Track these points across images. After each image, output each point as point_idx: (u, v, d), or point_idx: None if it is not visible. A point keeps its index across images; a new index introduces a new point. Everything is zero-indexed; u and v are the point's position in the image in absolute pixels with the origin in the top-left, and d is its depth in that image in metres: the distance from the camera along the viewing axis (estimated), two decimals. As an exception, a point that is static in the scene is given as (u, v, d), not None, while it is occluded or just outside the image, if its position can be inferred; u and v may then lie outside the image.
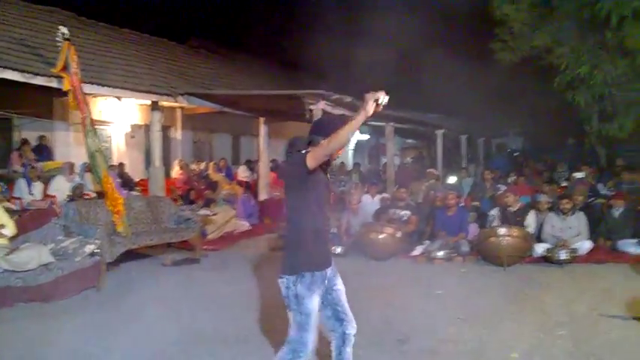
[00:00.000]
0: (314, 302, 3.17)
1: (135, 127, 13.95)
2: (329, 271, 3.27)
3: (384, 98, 2.75)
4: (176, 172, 13.74)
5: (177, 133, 15.32)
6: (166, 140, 14.31)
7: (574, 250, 7.62)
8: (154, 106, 10.76)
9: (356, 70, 19.36)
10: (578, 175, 11.72)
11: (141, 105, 12.87)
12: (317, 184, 3.16)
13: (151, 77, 11.29)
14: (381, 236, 8.12)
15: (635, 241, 8.12)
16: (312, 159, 2.96)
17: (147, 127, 12.68)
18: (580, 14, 11.98)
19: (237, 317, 5.34)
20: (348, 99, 10.64)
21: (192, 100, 11.36)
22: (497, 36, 13.31)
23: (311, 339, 3.16)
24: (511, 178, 12.66)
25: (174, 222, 8.43)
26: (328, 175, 3.34)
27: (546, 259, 7.63)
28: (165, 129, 13.12)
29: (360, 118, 2.77)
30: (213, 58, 17.20)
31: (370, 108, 2.75)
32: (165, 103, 11.09)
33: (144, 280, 6.99)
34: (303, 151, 3.09)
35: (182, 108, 13.67)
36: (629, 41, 10.33)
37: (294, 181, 3.17)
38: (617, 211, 8.55)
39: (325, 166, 3.23)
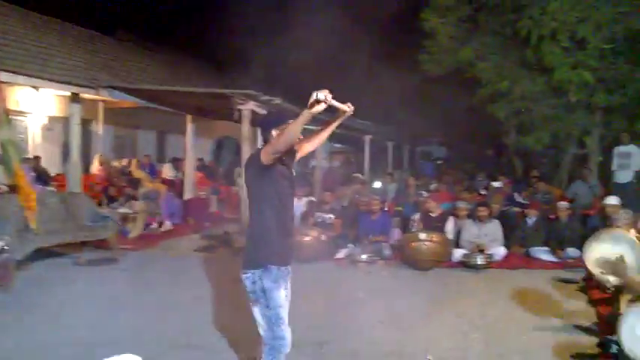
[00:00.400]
0: (282, 295, 3.17)
1: (53, 120, 13.26)
2: (290, 267, 3.26)
3: (323, 95, 2.85)
4: (95, 167, 13.18)
5: (98, 128, 14.71)
6: (86, 134, 13.70)
7: (490, 256, 7.93)
8: (74, 98, 10.27)
9: (287, 74, 19.39)
10: (496, 184, 12.25)
11: (60, 96, 12.24)
12: (278, 179, 3.16)
13: (72, 68, 10.80)
14: (305, 239, 8.12)
15: (546, 249, 8.56)
16: (265, 154, 3.01)
17: (66, 120, 12.09)
18: (503, 32, 12.55)
19: (153, 320, 5.18)
20: (278, 100, 10.60)
21: (116, 93, 10.92)
22: (425, 48, 13.67)
23: (286, 331, 3.16)
24: (433, 185, 13.05)
25: (90, 220, 8.08)
26: (293, 170, 3.35)
27: (464, 264, 7.90)
28: (85, 122, 12.57)
29: (304, 115, 2.88)
30: (141, 51, 16.69)
31: (312, 105, 2.85)
32: (87, 95, 10.62)
33: (56, 279, 6.67)
34: (260, 148, 3.17)
35: (104, 101, 13.15)
36: (546, 59, 10.90)
37: (254, 175, 3.17)
38: (530, 220, 8.98)
39: (289, 160, 3.27)
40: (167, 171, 14.78)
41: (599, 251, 4.51)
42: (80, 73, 10.72)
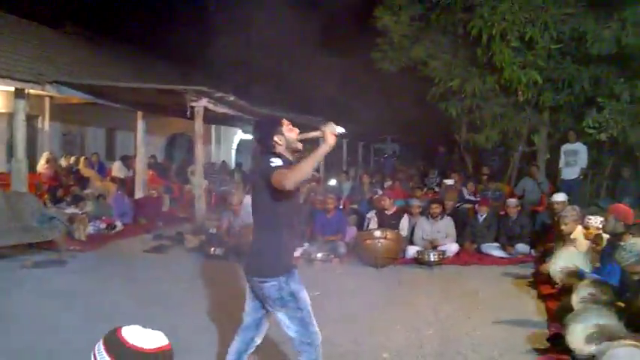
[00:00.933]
0: (306, 294, 3.22)
1: (-5, 116, 12.71)
2: None
3: (339, 129, 3.00)
4: (42, 166, 12.70)
5: (44, 124, 14.17)
6: (32, 131, 13.19)
7: (442, 253, 8.06)
8: (18, 93, 9.84)
9: (240, 71, 19.20)
10: (449, 181, 12.47)
11: (3, 92, 11.72)
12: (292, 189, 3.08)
13: (16, 62, 10.35)
14: (260, 238, 8.03)
15: (497, 245, 8.76)
16: (281, 182, 2.90)
17: (10, 116, 11.58)
18: (454, 30, 12.76)
19: (102, 322, 5.02)
20: (231, 97, 10.50)
21: (63, 89, 10.52)
22: (378, 46, 13.75)
23: (316, 327, 3.21)
24: (387, 183, 13.16)
25: (37, 220, 7.78)
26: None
27: (417, 261, 8.00)
28: (30, 119, 12.10)
29: (322, 151, 2.96)
30: (90, 46, 16.18)
31: (331, 140, 2.95)
32: (32, 90, 10.20)
33: (1, 283, 6.38)
34: (272, 165, 3.03)
35: (51, 97, 12.67)
36: (496, 59, 11.14)
37: (267, 187, 3.07)
38: (481, 217, 9.17)
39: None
40: (117, 169, 14.41)
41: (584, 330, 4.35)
42: (25, 68, 10.29)
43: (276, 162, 3.06)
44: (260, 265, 3.22)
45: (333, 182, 13.86)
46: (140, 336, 1.49)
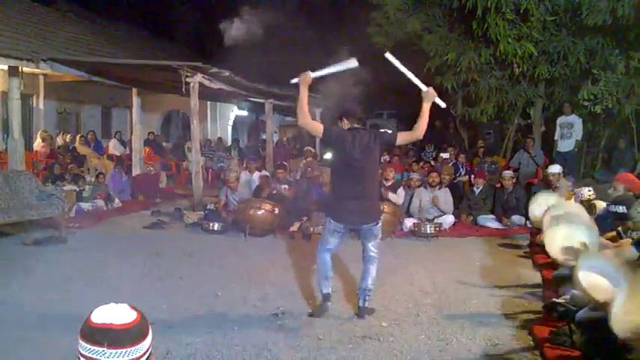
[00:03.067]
0: None
1: (-11, 95, 12.64)
2: None
3: (438, 100, 4.67)
4: (38, 144, 12.69)
5: (39, 103, 14.10)
6: (27, 110, 13.15)
7: (439, 225, 8.15)
8: (13, 71, 9.78)
9: (234, 46, 19.03)
10: (444, 155, 12.53)
11: (-3, 70, 11.64)
12: None
13: (10, 40, 10.26)
14: (259, 212, 8.12)
15: (493, 216, 8.86)
16: (402, 140, 4.81)
17: (4, 95, 11.52)
18: (449, 3, 12.66)
19: (105, 298, 5.10)
20: (226, 73, 10.46)
21: (57, 67, 10.43)
22: (374, 20, 13.65)
23: None
24: (384, 157, 13.19)
25: (35, 198, 7.82)
26: None
27: (414, 233, 8.10)
28: (25, 97, 12.04)
29: (426, 107, 4.65)
30: (83, 23, 16.03)
31: (432, 99, 4.63)
32: (26, 69, 10.13)
33: (2, 261, 6.44)
34: (390, 132, 5.01)
35: (45, 75, 12.58)
36: (491, 32, 11.09)
37: (379, 151, 4.71)
38: (477, 189, 9.26)
39: None
40: (113, 146, 14.41)
41: (561, 238, 4.64)
42: (19, 46, 10.20)
43: (388, 130, 5.01)
44: (376, 214, 4.65)
45: (329, 156, 13.86)
46: (107, 314, 1.51)
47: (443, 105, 4.66)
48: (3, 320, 4.43)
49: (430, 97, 4.56)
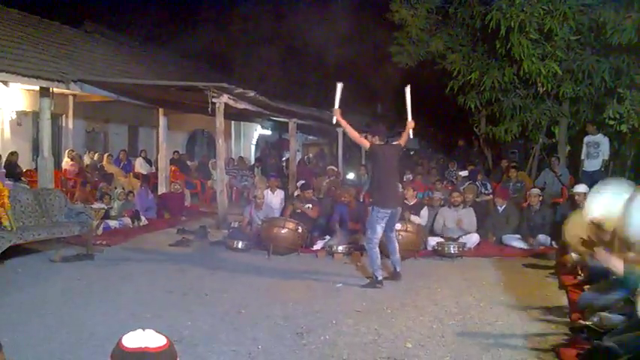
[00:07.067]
0: None
1: (21, 114, 12.97)
2: None
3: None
4: (66, 163, 12.97)
5: (68, 122, 14.45)
6: (56, 129, 13.47)
7: (463, 245, 8.10)
8: (44, 92, 10.06)
9: (259, 67, 19.32)
10: (463, 173, 12.49)
11: (29, 90, 11.97)
12: None
13: (41, 61, 10.56)
14: (282, 231, 8.17)
15: (518, 236, 8.76)
16: (403, 144, 6.82)
17: (35, 115, 11.83)
18: (472, 23, 12.71)
19: (131, 315, 5.18)
20: (251, 93, 10.61)
21: (86, 87, 10.74)
22: (396, 40, 13.73)
23: None
24: (407, 176, 13.19)
25: (64, 216, 7.99)
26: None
27: (437, 253, 8.05)
28: (55, 117, 12.35)
29: (408, 129, 6.74)
30: (110, 43, 16.42)
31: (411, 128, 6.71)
32: (56, 89, 10.42)
33: (31, 277, 6.58)
34: (395, 143, 6.78)
35: (74, 95, 12.92)
36: (515, 51, 11.08)
37: (399, 157, 6.71)
38: (500, 207, 9.18)
39: None
40: (139, 165, 14.65)
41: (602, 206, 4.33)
42: (49, 67, 10.50)
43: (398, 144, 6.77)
44: (399, 200, 6.68)
45: (351, 176, 13.92)
46: (139, 339, 1.57)
47: (411, 136, 6.82)
48: (32, 338, 4.52)
49: (409, 125, 6.70)
